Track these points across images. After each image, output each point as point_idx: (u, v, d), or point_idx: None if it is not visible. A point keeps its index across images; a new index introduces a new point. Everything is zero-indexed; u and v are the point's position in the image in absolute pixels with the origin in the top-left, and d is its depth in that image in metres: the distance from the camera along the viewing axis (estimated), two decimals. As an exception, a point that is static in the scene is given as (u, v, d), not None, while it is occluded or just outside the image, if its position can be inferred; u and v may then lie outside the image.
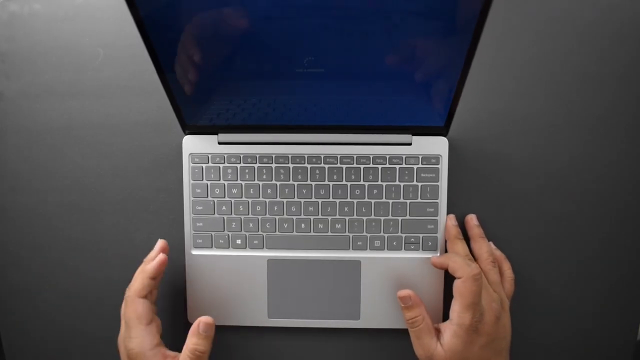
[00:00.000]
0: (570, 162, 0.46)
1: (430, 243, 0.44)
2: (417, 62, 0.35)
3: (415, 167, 0.43)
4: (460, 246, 0.42)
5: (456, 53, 0.34)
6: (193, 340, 0.38)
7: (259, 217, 0.44)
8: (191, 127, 0.43)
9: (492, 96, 0.46)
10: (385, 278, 0.44)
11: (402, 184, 0.44)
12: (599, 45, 0.46)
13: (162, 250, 0.42)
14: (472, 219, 0.45)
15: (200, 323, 0.39)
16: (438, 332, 0.40)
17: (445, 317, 0.41)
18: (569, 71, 0.46)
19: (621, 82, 0.45)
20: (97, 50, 0.47)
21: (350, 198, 0.44)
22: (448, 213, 0.44)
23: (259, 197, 0.44)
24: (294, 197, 0.44)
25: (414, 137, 0.43)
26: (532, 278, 0.46)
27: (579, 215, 0.46)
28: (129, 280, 0.41)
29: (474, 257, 0.43)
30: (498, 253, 0.44)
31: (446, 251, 0.44)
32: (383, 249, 0.44)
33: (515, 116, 0.46)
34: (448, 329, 0.39)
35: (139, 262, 0.42)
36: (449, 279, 0.41)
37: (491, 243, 0.45)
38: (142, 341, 0.38)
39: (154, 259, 0.41)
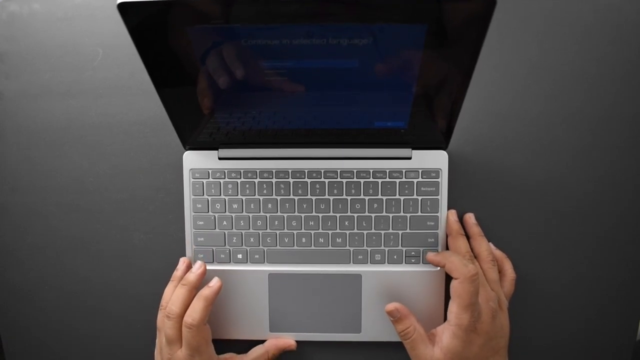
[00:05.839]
0: (571, 163, 0.46)
1: (430, 256, 0.44)
2: (416, 79, 0.35)
3: (415, 180, 0.44)
4: (462, 242, 0.42)
5: (455, 72, 0.34)
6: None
7: (260, 231, 0.44)
8: (191, 143, 0.44)
9: (492, 102, 0.46)
10: (386, 291, 0.44)
11: (402, 197, 0.44)
12: (598, 47, 0.45)
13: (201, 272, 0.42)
14: (470, 218, 0.45)
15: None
16: (433, 337, 0.40)
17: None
18: (568, 73, 0.46)
19: (621, 83, 0.45)
20: (96, 50, 0.47)
21: (351, 212, 0.44)
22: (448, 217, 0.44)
23: (259, 212, 0.44)
24: (294, 212, 0.44)
25: (414, 151, 0.43)
26: (532, 278, 0.46)
27: (579, 215, 0.46)
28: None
29: (474, 255, 0.43)
30: (499, 253, 0.44)
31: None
32: (384, 263, 0.44)
33: (514, 123, 0.46)
34: (446, 331, 0.39)
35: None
36: (449, 293, 0.41)
37: (491, 244, 0.45)
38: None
39: (207, 283, 0.42)
